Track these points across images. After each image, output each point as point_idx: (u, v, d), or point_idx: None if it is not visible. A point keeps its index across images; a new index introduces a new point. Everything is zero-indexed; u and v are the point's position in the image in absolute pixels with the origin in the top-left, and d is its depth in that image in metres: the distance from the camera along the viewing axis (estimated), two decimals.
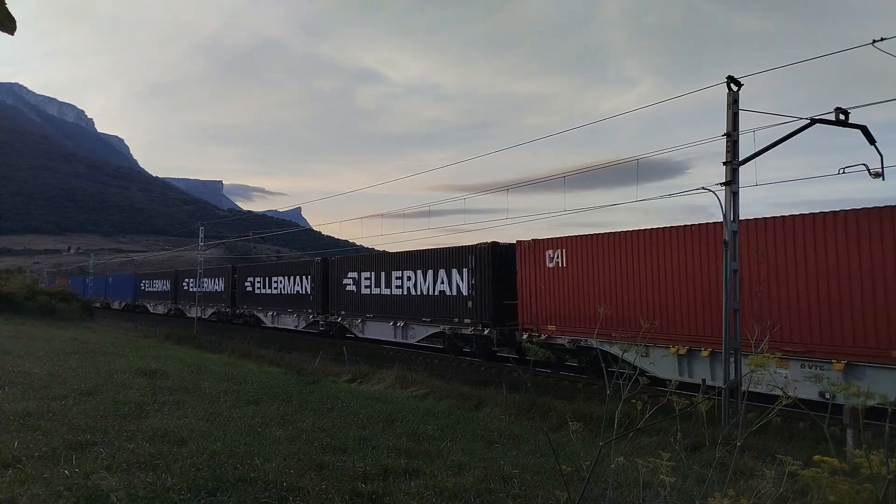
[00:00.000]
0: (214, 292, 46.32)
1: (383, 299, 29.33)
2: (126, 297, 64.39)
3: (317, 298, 34.91)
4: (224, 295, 44.83)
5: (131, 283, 63.78)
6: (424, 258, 27.02)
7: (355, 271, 31.79)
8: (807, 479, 2.28)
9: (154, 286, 57.52)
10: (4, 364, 13.76)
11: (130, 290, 63.01)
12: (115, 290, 68.05)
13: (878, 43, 11.30)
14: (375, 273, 29.96)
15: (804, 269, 14.13)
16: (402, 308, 27.93)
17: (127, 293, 64.18)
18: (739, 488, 4.51)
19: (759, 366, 2.60)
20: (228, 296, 44.18)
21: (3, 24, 1.70)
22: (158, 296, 56.02)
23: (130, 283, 63.72)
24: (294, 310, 36.88)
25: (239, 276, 43.46)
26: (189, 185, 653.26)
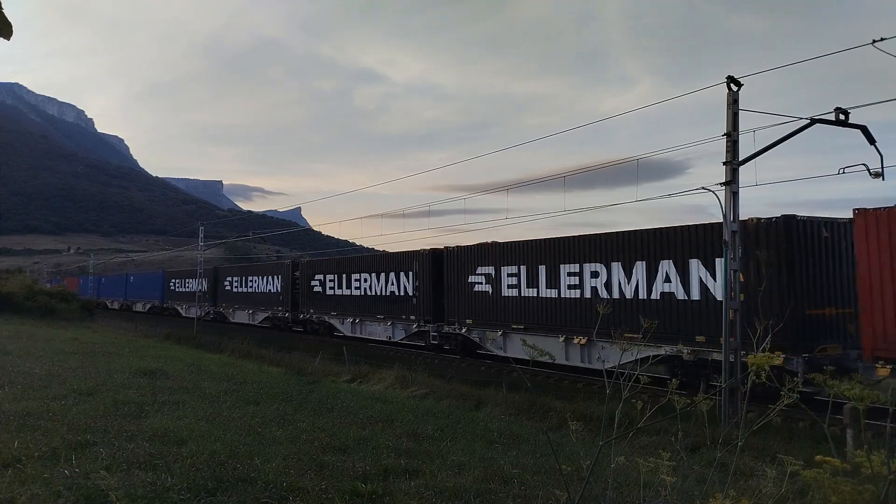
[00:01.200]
0: (267, 293, 39.44)
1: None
2: (151, 298, 57.94)
3: (424, 301, 26.37)
4: (282, 297, 37.81)
5: (158, 282, 56.95)
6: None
7: (489, 265, 23.30)
8: (809, 480, 2.28)
9: (187, 286, 51.10)
10: (4, 364, 13.75)
11: (157, 291, 56.61)
12: (137, 290, 61.76)
13: (878, 43, 11.30)
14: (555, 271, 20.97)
15: None
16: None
17: (152, 294, 57.69)
18: (740, 488, 4.51)
19: (760, 366, 2.60)
20: (287, 298, 37.28)
21: (0, 30, 1.69)
22: (192, 297, 49.45)
23: (157, 283, 57.08)
24: (387, 315, 28.88)
25: (303, 274, 36.24)
26: (189, 185, 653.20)
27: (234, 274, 44.54)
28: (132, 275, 65.71)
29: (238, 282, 43.20)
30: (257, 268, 41.54)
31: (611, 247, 18.83)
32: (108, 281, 73.25)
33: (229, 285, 44.72)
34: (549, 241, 20.91)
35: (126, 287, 64.15)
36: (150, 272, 67.32)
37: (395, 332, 28.24)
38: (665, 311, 16.88)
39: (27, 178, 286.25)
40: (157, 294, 56.53)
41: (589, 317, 19.04)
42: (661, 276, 17.29)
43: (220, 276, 46.72)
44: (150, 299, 58.46)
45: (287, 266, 37.82)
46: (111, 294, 68.19)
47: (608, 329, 16.53)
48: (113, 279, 72.74)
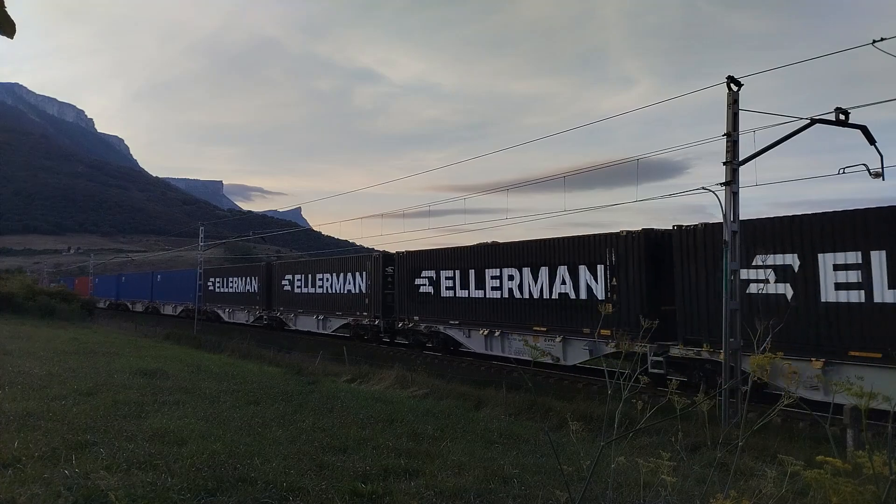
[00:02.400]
0: (345, 295, 31.84)
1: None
2: (184, 299, 50.45)
3: (631, 309, 17.78)
4: (368, 299, 30.13)
5: (193, 281, 48.81)
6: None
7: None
8: (809, 480, 2.28)
9: (231, 285, 44.80)
10: (4, 364, 13.75)
11: (192, 291, 48.68)
12: (165, 290, 54.37)
13: (878, 43, 11.30)
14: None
15: None
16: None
17: (185, 295, 50.21)
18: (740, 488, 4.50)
19: (761, 366, 2.60)
20: (376, 301, 29.53)
21: (3, 28, 1.69)
22: (238, 299, 43.63)
23: (191, 282, 48.98)
24: (572, 325, 20.03)
25: (402, 269, 28.30)
26: (189, 185, 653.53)
27: (297, 271, 37.47)
28: (159, 273, 57.92)
29: (302, 280, 36.04)
30: (329, 263, 34.28)
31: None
32: (129, 280, 65.57)
33: (289, 285, 37.36)
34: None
35: (152, 287, 57.25)
36: (181, 270, 59.55)
37: (579, 351, 20.10)
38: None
39: (27, 178, 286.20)
40: (191, 295, 48.71)
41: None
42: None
43: (277, 274, 39.07)
44: (181, 301, 51.16)
45: (374, 260, 30.23)
46: (133, 295, 61.49)
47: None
48: (135, 278, 65.36)
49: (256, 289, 41.16)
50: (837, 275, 13.55)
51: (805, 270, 14.06)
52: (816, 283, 13.89)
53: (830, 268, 13.71)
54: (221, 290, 46.71)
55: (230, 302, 44.98)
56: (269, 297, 39.54)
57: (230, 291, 45.12)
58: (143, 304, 59.00)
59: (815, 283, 13.90)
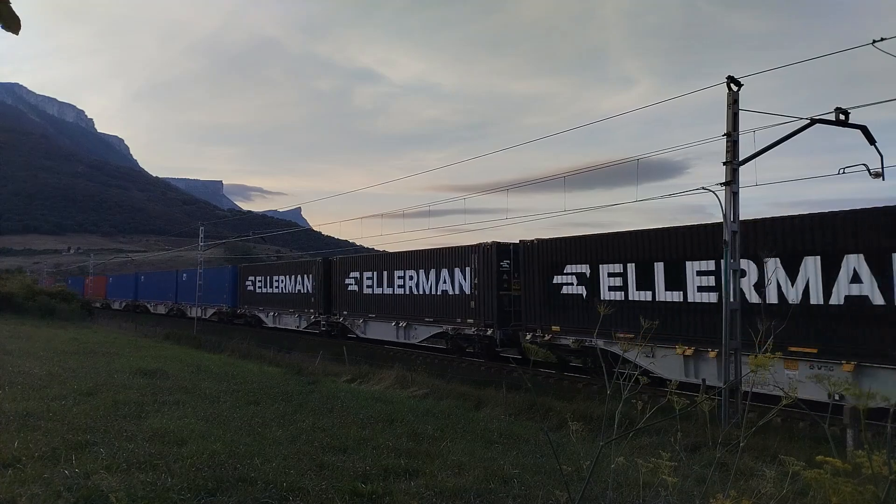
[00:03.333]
0: (440, 296, 25.61)
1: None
2: (216, 300, 45.05)
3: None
4: (472, 302, 23.84)
5: (227, 280, 44.22)
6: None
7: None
8: (809, 480, 2.28)
9: (276, 285, 38.78)
10: (4, 364, 13.76)
11: (225, 292, 44.05)
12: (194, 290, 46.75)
13: (878, 43, 11.30)
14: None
15: None
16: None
17: (217, 296, 44.80)
18: (740, 488, 4.50)
19: (761, 366, 2.59)
20: (488, 305, 23.02)
21: (8, 24, 1.70)
22: (285, 301, 37.56)
23: (226, 282, 44.35)
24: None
25: (528, 265, 21.63)
26: (189, 186, 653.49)
27: (367, 268, 30.80)
28: (185, 272, 51.94)
29: (374, 279, 30.16)
30: (413, 258, 27.74)
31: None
32: (149, 280, 59.82)
33: (355, 284, 31.48)
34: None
35: (176, 287, 51.50)
36: (214, 268, 53.40)
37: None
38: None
39: (27, 178, 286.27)
40: (225, 296, 44.07)
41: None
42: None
43: (338, 271, 32.85)
44: (214, 303, 45.43)
45: (484, 252, 23.53)
46: (154, 296, 55.86)
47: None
48: (156, 277, 59.67)
49: (310, 289, 34.91)
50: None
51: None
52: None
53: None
54: (264, 291, 40.35)
55: (275, 304, 38.89)
56: (328, 298, 33.49)
57: (275, 292, 38.83)
58: (165, 305, 53.06)
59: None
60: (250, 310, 41.39)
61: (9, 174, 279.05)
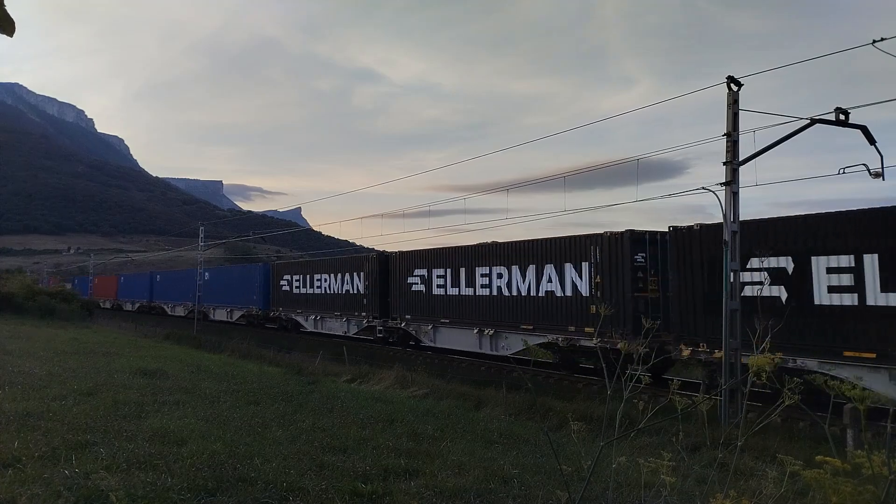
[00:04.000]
0: (542, 298, 20.69)
1: None
2: (244, 302, 40.71)
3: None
4: (592, 304, 18.70)
5: (257, 279, 39.40)
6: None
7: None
8: (809, 480, 2.28)
9: (318, 285, 33.73)
10: (4, 364, 13.76)
11: (255, 292, 39.25)
12: (218, 291, 43.22)
13: (878, 43, 11.30)
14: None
15: None
16: None
17: (245, 296, 40.41)
18: (740, 488, 4.51)
19: (760, 366, 2.59)
20: (619, 309, 17.66)
21: (2, 27, 1.69)
22: (329, 303, 32.67)
23: (255, 281, 39.59)
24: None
25: (686, 254, 16.47)
26: (189, 186, 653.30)
27: (437, 263, 25.60)
28: (206, 270, 46.70)
29: (447, 277, 24.78)
30: (500, 251, 22.77)
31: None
32: (166, 279, 54.72)
33: (421, 283, 26.26)
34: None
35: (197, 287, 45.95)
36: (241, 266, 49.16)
37: None
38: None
39: (27, 178, 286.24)
40: (255, 297, 39.38)
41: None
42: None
43: (398, 269, 28.06)
44: (241, 304, 41.12)
45: (609, 243, 18.52)
46: (171, 296, 51.22)
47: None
48: (174, 276, 54.28)
49: (362, 289, 30.11)
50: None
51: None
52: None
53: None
54: (302, 292, 35.29)
55: (316, 306, 33.90)
56: (385, 300, 28.46)
57: (316, 293, 33.94)
58: (184, 307, 48.29)
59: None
60: (286, 312, 36.62)
61: (9, 174, 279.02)
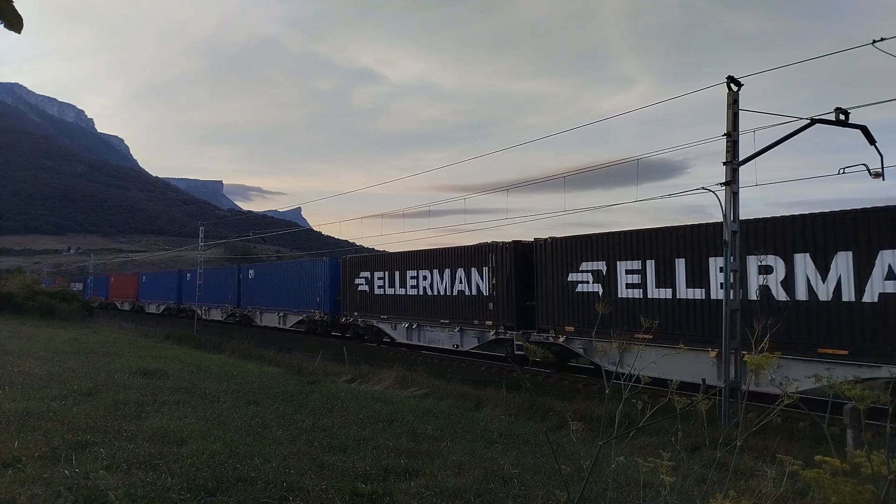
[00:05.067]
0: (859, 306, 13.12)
1: None
2: (302, 305, 34.25)
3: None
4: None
5: (322, 277, 32.74)
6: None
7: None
8: (809, 480, 2.28)
9: (412, 284, 26.96)
10: (4, 364, 13.76)
11: (318, 293, 32.97)
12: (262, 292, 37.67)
13: (878, 43, 11.30)
14: None
15: None
16: None
17: (305, 298, 34.04)
18: (740, 488, 4.51)
19: (759, 366, 2.60)
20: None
21: (11, 23, 1.70)
22: (431, 307, 25.85)
23: (319, 279, 33.05)
24: None
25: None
26: (189, 186, 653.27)
27: (626, 254, 18.35)
28: (251, 268, 41.20)
29: (645, 273, 17.72)
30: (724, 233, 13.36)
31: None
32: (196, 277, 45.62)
33: (595, 282, 19.12)
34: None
35: (238, 287, 40.99)
36: (298, 261, 41.33)
37: None
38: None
39: (27, 178, 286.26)
40: (318, 299, 32.88)
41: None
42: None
43: (546, 261, 20.82)
44: (299, 308, 34.55)
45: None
46: (204, 298, 43.64)
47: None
48: (207, 275, 45.44)
49: (485, 289, 22.59)
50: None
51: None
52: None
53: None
54: (388, 292, 28.22)
55: (410, 311, 26.88)
56: (521, 305, 21.40)
57: (411, 294, 26.85)
58: (222, 310, 42.26)
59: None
60: (364, 318, 29.84)
61: (9, 174, 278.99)
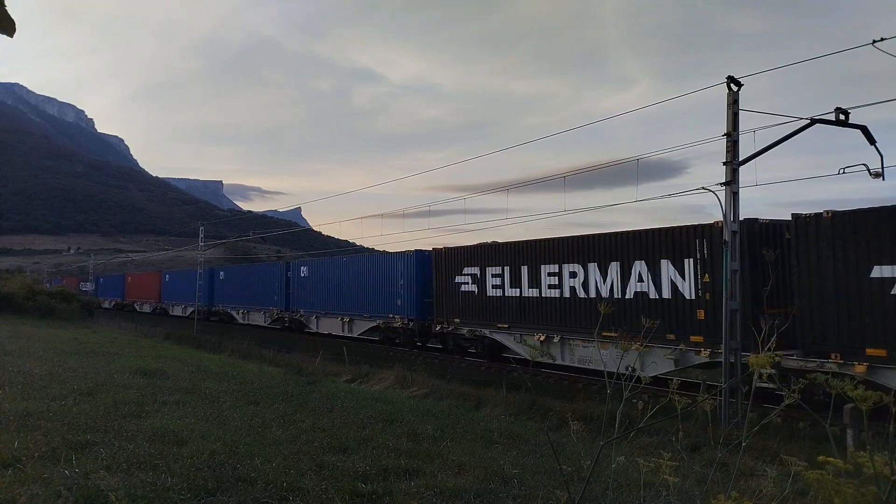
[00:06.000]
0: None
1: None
2: (381, 309, 28.34)
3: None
4: None
5: (404, 275, 27.18)
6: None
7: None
8: (811, 481, 2.27)
9: (553, 283, 20.12)
10: (4, 364, 13.74)
11: (401, 295, 27.26)
12: (317, 293, 32.27)
13: (878, 43, 11.30)
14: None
15: None
16: None
17: (384, 301, 28.25)
18: (740, 488, 4.50)
19: (761, 366, 2.59)
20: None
21: (3, 27, 1.69)
22: (573, 312, 19.28)
23: (402, 276, 27.36)
24: None
25: None
26: (189, 186, 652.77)
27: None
28: (303, 264, 35.48)
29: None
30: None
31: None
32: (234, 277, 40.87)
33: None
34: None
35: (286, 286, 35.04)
36: (366, 255, 33.03)
37: None
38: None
39: (27, 178, 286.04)
40: (399, 301, 27.31)
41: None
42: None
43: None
44: (370, 313, 28.86)
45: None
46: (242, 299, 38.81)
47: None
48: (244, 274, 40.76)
49: (689, 290, 15.83)
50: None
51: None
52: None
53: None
54: (510, 294, 21.80)
55: (542, 318, 20.47)
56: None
57: (549, 296, 20.21)
58: (266, 313, 36.85)
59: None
60: (471, 327, 23.72)
61: (9, 174, 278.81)
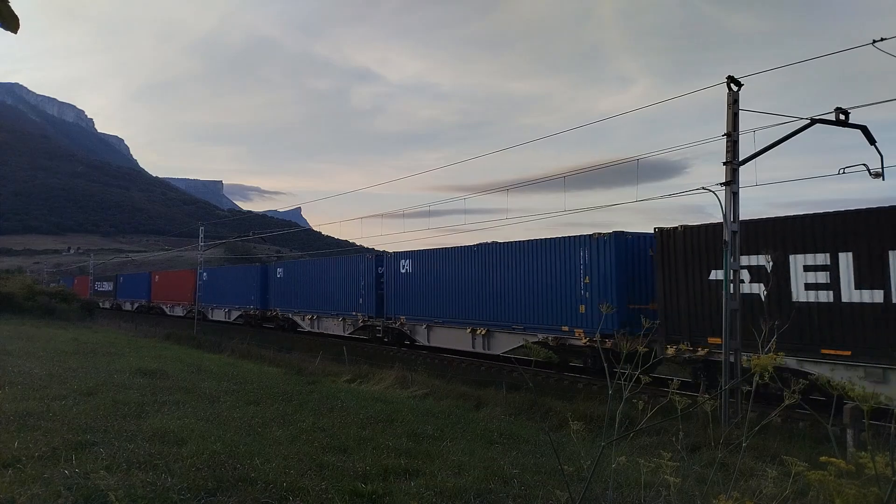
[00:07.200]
0: None
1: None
2: (470, 315, 23.47)
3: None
4: None
5: (560, 270, 20.00)
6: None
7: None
8: (813, 482, 2.27)
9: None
10: (4, 364, 13.73)
11: (549, 302, 20.24)
12: (445, 295, 25.16)
13: (878, 43, 11.29)
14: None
15: None
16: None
17: (454, 305, 24.36)
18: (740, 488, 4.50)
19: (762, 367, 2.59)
20: None
21: (7, 23, 1.69)
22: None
23: (603, 267, 18.64)
24: None
25: None
26: (189, 186, 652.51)
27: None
28: (405, 256, 28.44)
29: None
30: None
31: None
32: (293, 272, 37.75)
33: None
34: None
35: (375, 287, 29.52)
36: (461, 248, 25.38)
37: None
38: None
39: (27, 178, 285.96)
40: (575, 306, 19.49)
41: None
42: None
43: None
44: (520, 321, 21.54)
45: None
46: (308, 301, 34.95)
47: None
48: (310, 271, 36.54)
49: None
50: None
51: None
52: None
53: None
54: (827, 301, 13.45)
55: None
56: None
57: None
58: (346, 320, 31.56)
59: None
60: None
61: (9, 174, 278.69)
